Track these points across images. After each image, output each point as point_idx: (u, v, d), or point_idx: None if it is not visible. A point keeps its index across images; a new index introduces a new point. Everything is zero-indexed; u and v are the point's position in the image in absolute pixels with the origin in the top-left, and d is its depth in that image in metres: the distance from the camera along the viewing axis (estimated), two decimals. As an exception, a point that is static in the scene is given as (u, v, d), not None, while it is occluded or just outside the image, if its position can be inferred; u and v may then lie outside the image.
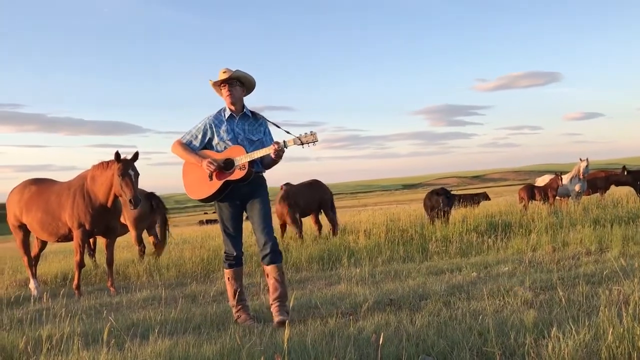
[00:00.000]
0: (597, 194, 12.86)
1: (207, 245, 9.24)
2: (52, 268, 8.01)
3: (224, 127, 3.99)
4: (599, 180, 13.01)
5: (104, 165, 5.92)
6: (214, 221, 29.41)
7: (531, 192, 12.24)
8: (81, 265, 6.19)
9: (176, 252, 8.35)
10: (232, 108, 4.01)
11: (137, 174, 5.73)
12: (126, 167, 5.65)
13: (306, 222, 10.05)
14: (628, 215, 8.79)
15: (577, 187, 12.00)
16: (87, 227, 6.02)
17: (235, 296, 4.02)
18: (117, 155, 5.67)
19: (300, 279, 6.10)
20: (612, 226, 7.48)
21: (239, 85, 4.01)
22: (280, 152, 3.83)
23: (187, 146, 4.03)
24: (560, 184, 11.80)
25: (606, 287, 3.94)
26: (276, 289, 3.87)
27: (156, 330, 3.45)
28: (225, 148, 3.97)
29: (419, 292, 4.50)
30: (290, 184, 9.39)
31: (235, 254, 4.05)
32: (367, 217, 12.09)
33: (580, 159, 11.93)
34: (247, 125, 4.03)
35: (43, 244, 7.09)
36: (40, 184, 6.58)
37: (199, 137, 4.03)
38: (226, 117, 4.01)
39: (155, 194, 8.39)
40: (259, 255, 4.03)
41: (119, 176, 5.61)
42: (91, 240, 8.28)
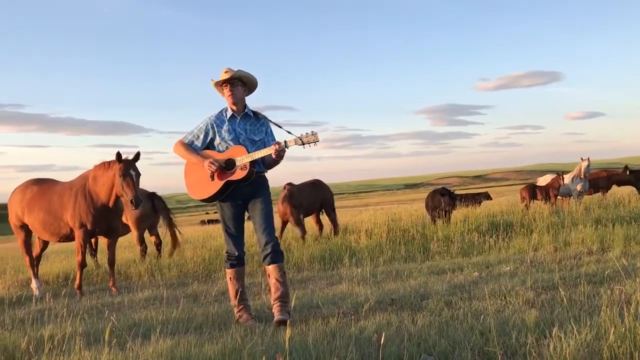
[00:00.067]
0: (599, 194, 12.83)
1: (208, 245, 9.25)
2: (54, 268, 8.04)
3: (226, 127, 3.99)
4: (600, 179, 12.98)
5: (106, 165, 5.93)
6: (216, 221, 29.41)
7: (533, 192, 12.21)
8: (83, 265, 6.20)
9: (178, 252, 8.35)
10: (234, 108, 4.01)
11: (138, 174, 5.74)
12: (127, 167, 5.66)
13: (306, 222, 10.04)
14: (630, 214, 8.76)
15: (578, 186, 11.97)
16: (88, 227, 6.03)
17: (237, 296, 4.02)
18: (119, 155, 5.68)
19: (301, 279, 6.10)
20: (613, 226, 7.46)
21: (240, 85, 4.01)
22: (281, 152, 3.82)
23: (189, 146, 4.04)
24: (561, 184, 11.77)
25: (608, 287, 3.95)
26: (277, 289, 3.87)
27: (158, 330, 3.46)
28: (226, 148, 3.97)
29: (420, 292, 4.49)
30: (292, 184, 9.38)
31: (237, 253, 4.06)
32: (368, 217, 12.09)
33: (582, 159, 11.90)
34: (248, 125, 4.03)
35: (45, 244, 7.10)
36: (42, 184, 6.59)
37: (201, 137, 4.04)
38: (228, 117, 4.01)
39: (157, 194, 8.40)
40: (261, 255, 4.04)
41: (120, 176, 5.62)
42: (93, 240, 8.28)
